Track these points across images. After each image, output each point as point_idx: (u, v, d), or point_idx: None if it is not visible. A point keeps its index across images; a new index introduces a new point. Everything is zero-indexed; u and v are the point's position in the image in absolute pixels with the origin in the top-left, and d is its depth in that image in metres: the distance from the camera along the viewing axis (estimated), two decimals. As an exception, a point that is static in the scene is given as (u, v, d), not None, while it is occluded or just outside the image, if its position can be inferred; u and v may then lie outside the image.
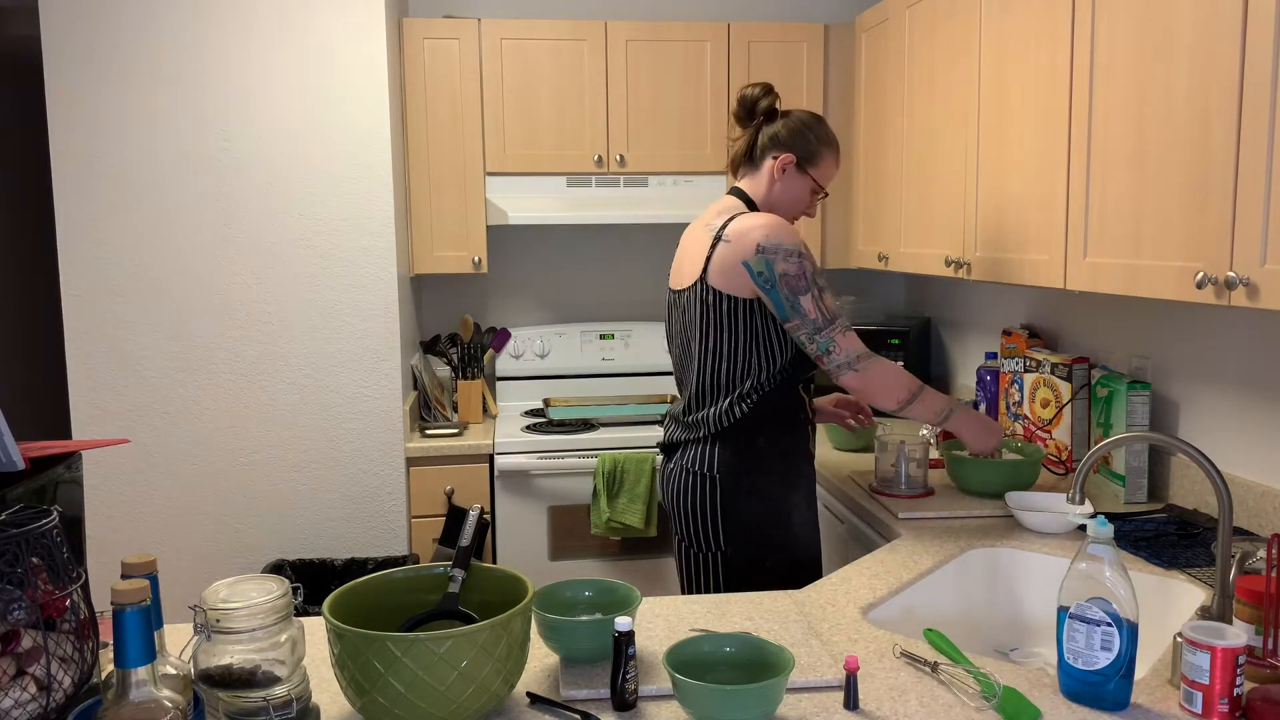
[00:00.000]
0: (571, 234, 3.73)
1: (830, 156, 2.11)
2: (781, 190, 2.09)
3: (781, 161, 2.07)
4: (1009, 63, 2.26)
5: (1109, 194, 1.89)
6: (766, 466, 2.02)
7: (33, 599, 1.02)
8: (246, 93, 2.88)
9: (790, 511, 2.04)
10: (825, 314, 1.94)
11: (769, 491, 2.02)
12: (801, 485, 2.07)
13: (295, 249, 2.95)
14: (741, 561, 2.03)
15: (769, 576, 2.03)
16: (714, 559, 2.05)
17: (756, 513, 2.01)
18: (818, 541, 2.11)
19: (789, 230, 1.97)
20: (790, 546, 2.04)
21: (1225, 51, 1.57)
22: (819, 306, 1.94)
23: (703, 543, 2.04)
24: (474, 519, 1.47)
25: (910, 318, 3.50)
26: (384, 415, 3.04)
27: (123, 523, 2.96)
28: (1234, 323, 2.07)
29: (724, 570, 2.05)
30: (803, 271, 1.93)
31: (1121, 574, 1.28)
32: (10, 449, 1.17)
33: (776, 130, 2.08)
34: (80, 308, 2.89)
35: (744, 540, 2.02)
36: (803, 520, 2.06)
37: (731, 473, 2.01)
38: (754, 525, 2.01)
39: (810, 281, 1.94)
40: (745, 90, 2.11)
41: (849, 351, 1.94)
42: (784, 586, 2.03)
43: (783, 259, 1.93)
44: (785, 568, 2.04)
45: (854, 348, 1.95)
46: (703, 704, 1.19)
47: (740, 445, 2.02)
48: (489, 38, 3.23)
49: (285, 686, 1.16)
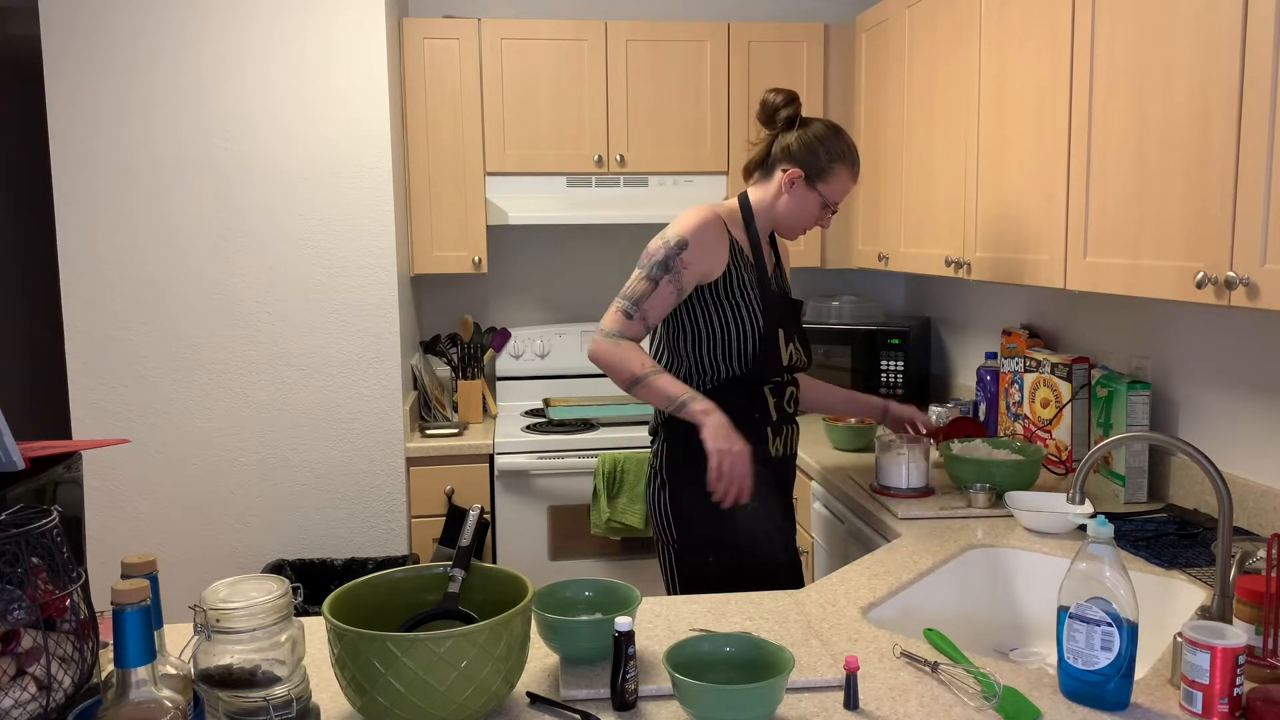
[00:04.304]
0: (571, 234, 3.73)
1: (844, 172, 2.09)
2: (788, 203, 2.10)
3: (790, 176, 2.07)
4: (1009, 62, 2.26)
5: (1109, 194, 1.89)
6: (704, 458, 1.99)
7: (33, 599, 1.02)
8: (246, 92, 2.88)
9: (731, 507, 2.01)
10: (632, 293, 2.02)
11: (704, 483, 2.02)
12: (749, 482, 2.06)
13: (295, 249, 2.95)
14: (689, 555, 2.07)
15: (719, 573, 2.05)
16: (670, 551, 2.11)
17: (696, 506, 2.05)
18: (783, 544, 2.09)
19: (694, 226, 2.02)
20: (737, 544, 2.04)
21: (1225, 51, 1.57)
22: (636, 285, 2.02)
23: (664, 537, 2.11)
24: (474, 519, 1.47)
25: (910, 318, 3.50)
26: (384, 415, 3.04)
27: (123, 523, 2.96)
28: (1234, 323, 2.07)
29: (676, 562, 2.10)
30: (654, 254, 2.02)
31: (1121, 574, 1.28)
32: (10, 449, 1.17)
33: (790, 142, 2.08)
34: (80, 308, 2.89)
35: (689, 533, 2.07)
36: (751, 517, 2.05)
37: (674, 465, 2.08)
38: (695, 518, 2.06)
39: (651, 265, 2.01)
40: (767, 95, 2.11)
41: (605, 326, 2.02)
42: (741, 585, 2.03)
43: (660, 239, 2.04)
44: (736, 566, 2.04)
45: (612, 326, 2.02)
46: (703, 704, 1.19)
47: (682, 438, 2.06)
48: (489, 38, 3.23)
49: (285, 686, 1.16)
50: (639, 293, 2.00)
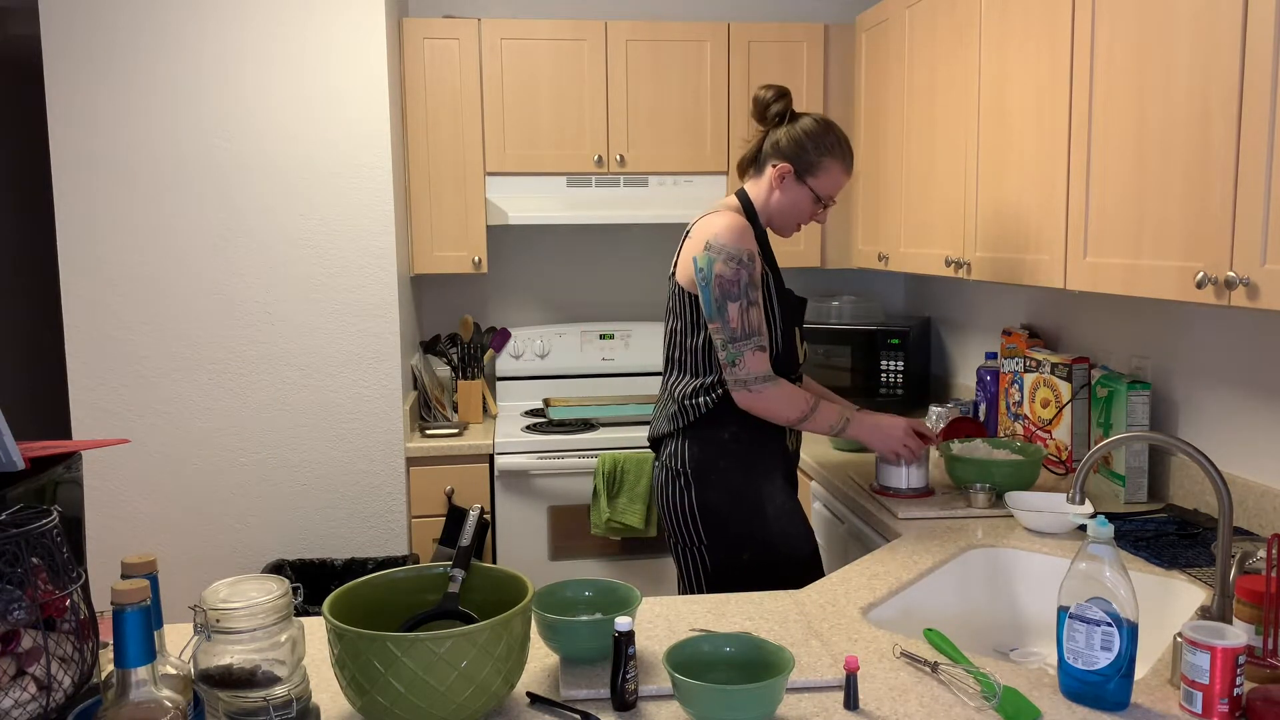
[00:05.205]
0: (571, 234, 3.73)
1: (835, 166, 2.07)
2: (780, 199, 2.10)
3: (780, 171, 2.07)
4: (1009, 62, 2.26)
5: (1109, 194, 1.89)
6: (734, 457, 2.05)
7: (33, 599, 1.02)
8: (246, 92, 2.88)
9: (763, 503, 2.05)
10: (746, 327, 1.96)
11: (736, 482, 2.04)
12: (776, 478, 2.08)
13: (295, 249, 2.95)
14: (720, 554, 2.06)
15: (751, 570, 2.05)
16: (697, 553, 2.09)
17: (726, 504, 2.04)
18: (805, 535, 2.10)
19: (742, 235, 1.98)
20: (768, 539, 2.05)
21: (1225, 51, 1.57)
22: (743, 318, 1.96)
23: (687, 538, 2.08)
24: (474, 519, 1.47)
25: (910, 318, 3.50)
26: (384, 415, 3.04)
27: (123, 523, 2.96)
28: (1234, 323, 2.07)
29: (707, 564, 2.08)
30: (737, 279, 1.95)
31: (1121, 574, 1.28)
32: (10, 449, 1.17)
33: (779, 138, 2.08)
34: (80, 308, 2.89)
35: (719, 533, 2.05)
36: (779, 512, 2.06)
37: (700, 465, 2.05)
38: (726, 517, 2.04)
39: (742, 291, 1.95)
40: (758, 92, 2.11)
41: (752, 371, 1.97)
42: (771, 581, 2.04)
43: (724, 260, 1.96)
44: (768, 562, 2.05)
45: (759, 369, 1.97)
46: (703, 704, 1.19)
47: (707, 438, 2.05)
48: (489, 38, 3.23)
49: (285, 686, 1.16)
50: (755, 322, 1.97)
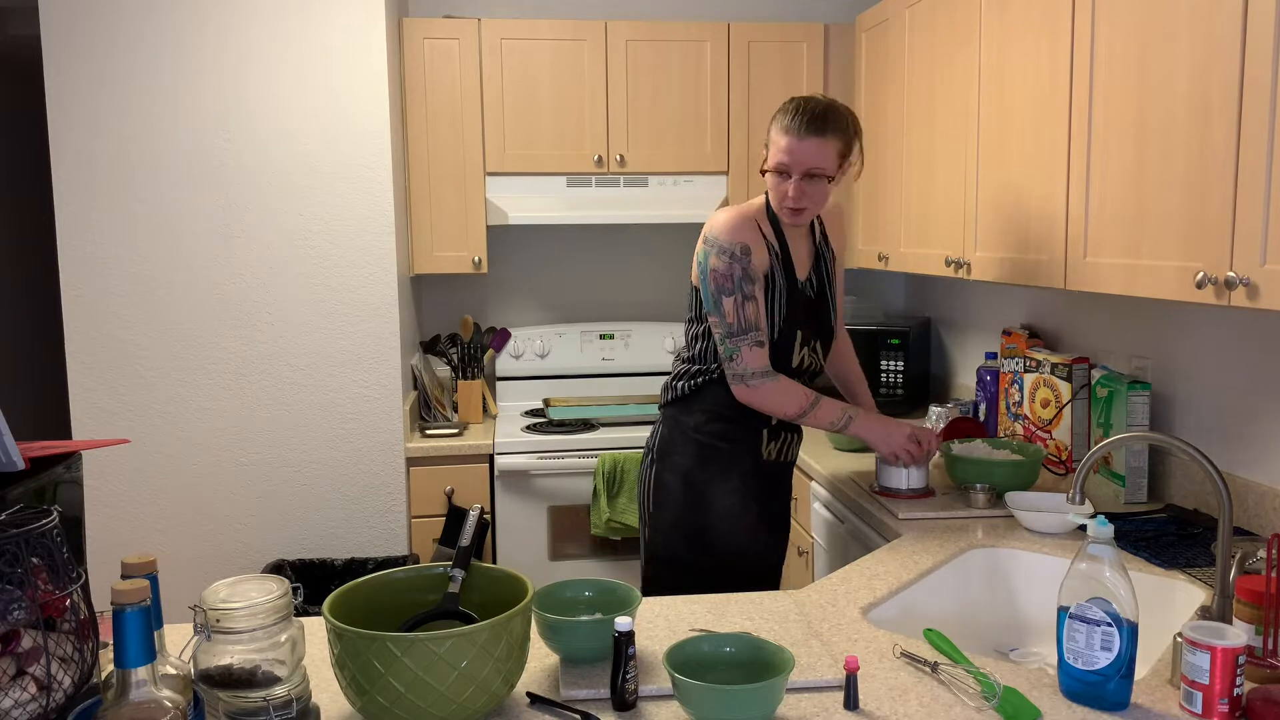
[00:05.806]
0: (571, 234, 3.73)
1: (774, 132, 1.97)
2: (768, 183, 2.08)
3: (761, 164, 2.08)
4: (1009, 62, 2.26)
5: (1109, 194, 1.89)
6: (695, 445, 2.07)
7: (33, 599, 1.02)
8: (246, 92, 2.88)
9: (711, 498, 2.05)
10: (742, 322, 1.96)
11: (690, 469, 2.06)
12: (733, 478, 2.08)
13: (295, 249, 2.95)
14: (660, 535, 2.09)
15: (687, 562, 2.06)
16: (647, 531, 2.13)
17: (678, 488, 2.07)
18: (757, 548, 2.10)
19: (736, 229, 1.97)
20: (708, 537, 2.06)
21: (1225, 50, 1.57)
22: (739, 313, 1.96)
23: (644, 514, 2.14)
24: (474, 519, 1.47)
25: (910, 318, 3.50)
26: (384, 415, 3.04)
27: (123, 523, 2.96)
28: (1234, 323, 2.07)
29: (647, 539, 2.12)
30: (730, 273, 1.96)
31: (1121, 574, 1.28)
32: (10, 449, 1.17)
33: None
34: (80, 308, 2.89)
35: (662, 512, 2.08)
36: (728, 513, 2.06)
37: (664, 445, 2.11)
38: (673, 499, 2.07)
39: (736, 285, 1.96)
40: None
41: (749, 366, 1.98)
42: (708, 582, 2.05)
43: (716, 254, 1.97)
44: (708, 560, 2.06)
45: (756, 364, 1.97)
46: (703, 704, 1.19)
47: (676, 420, 2.10)
48: (489, 38, 3.23)
49: (285, 686, 1.16)
50: (752, 316, 1.97)
